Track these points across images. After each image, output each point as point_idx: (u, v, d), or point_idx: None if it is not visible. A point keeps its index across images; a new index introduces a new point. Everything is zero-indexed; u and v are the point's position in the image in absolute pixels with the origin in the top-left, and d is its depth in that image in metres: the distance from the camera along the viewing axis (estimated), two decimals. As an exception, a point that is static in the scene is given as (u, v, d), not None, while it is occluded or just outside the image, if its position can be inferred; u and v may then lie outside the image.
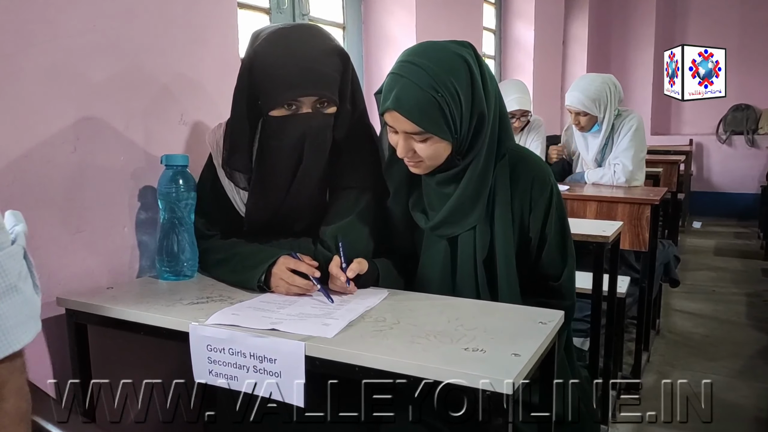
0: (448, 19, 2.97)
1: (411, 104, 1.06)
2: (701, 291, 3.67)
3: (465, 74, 1.09)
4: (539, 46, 4.39)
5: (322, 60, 1.13)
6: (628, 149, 2.50)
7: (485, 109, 1.12)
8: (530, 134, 2.89)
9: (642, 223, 2.21)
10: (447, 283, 1.22)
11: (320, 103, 1.17)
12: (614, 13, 6.39)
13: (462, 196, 1.16)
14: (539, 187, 1.19)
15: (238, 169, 1.25)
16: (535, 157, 1.27)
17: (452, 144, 1.12)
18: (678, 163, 3.80)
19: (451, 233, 1.20)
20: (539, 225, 1.20)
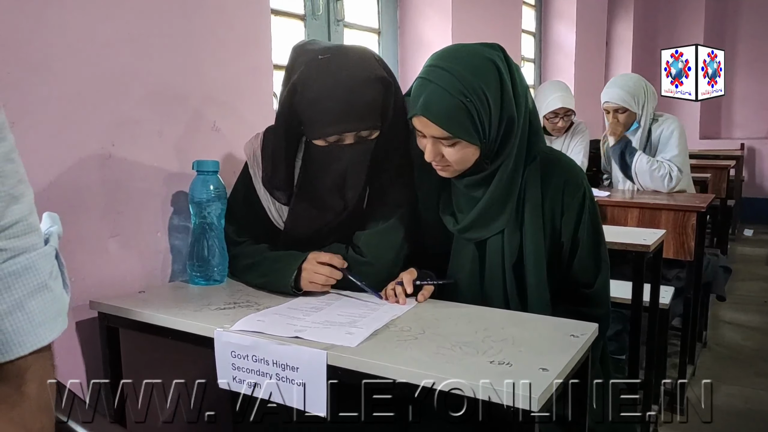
0: (485, 22, 2.94)
1: (439, 110, 1.05)
2: (752, 302, 3.50)
3: (494, 78, 1.07)
4: (581, 49, 4.29)
5: (362, 92, 1.12)
6: (679, 154, 2.41)
7: (515, 113, 1.10)
8: (574, 138, 2.81)
9: (687, 231, 2.13)
10: (475, 287, 1.21)
11: (362, 133, 1.16)
12: (661, 14, 6.20)
13: (490, 200, 1.15)
14: (571, 190, 1.16)
15: (279, 188, 1.26)
16: (568, 159, 1.24)
17: (480, 148, 1.10)
18: (728, 169, 3.64)
19: (479, 237, 1.18)
20: (571, 229, 1.17)
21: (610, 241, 1.55)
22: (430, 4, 2.61)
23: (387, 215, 1.24)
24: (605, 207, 2.30)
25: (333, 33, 2.24)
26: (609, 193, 2.43)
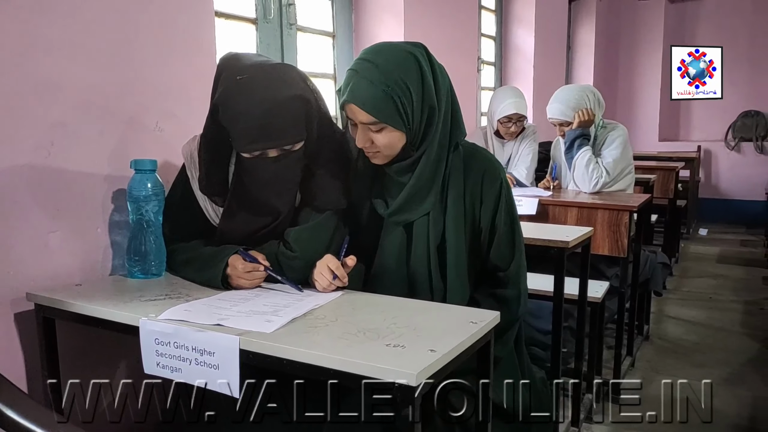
0: (440, 25, 3.03)
1: (365, 97, 1.17)
2: (698, 298, 3.65)
3: (415, 71, 1.19)
4: (540, 52, 4.42)
5: (281, 110, 1.17)
6: (613, 162, 2.53)
7: (435, 103, 1.22)
8: (524, 141, 2.92)
9: (621, 229, 2.24)
10: (402, 268, 1.30)
11: (285, 146, 1.22)
12: (623, 19, 6.38)
13: (416, 184, 1.25)
14: (490, 181, 1.29)
15: (214, 193, 1.33)
16: (487, 153, 1.36)
17: (406, 134, 1.21)
18: (676, 170, 3.79)
19: (407, 219, 1.29)
20: (489, 217, 1.30)
21: (537, 237, 1.66)
22: (384, 8, 2.70)
23: (316, 212, 1.32)
24: (547, 206, 2.41)
25: (285, 37, 2.30)
26: (551, 193, 2.53)
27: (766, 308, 3.43)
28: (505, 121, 2.79)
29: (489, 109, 2.91)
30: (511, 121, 2.79)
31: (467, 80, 3.45)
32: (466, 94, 3.45)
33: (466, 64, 3.43)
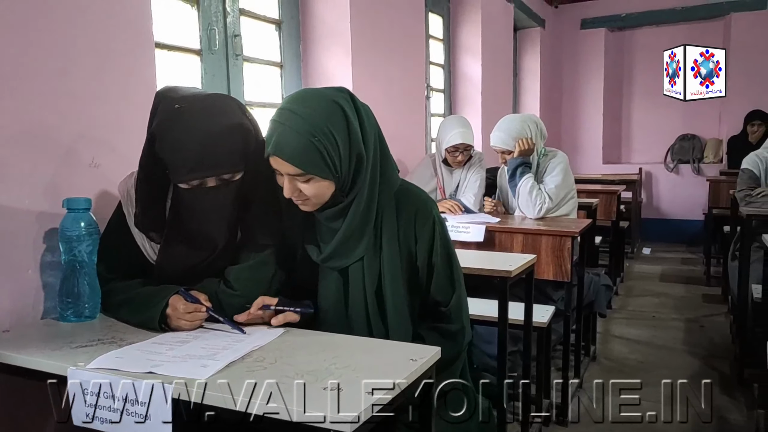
0: (387, 55, 3.07)
1: (290, 149, 1.15)
2: (642, 317, 3.77)
3: (340, 119, 1.18)
4: (487, 80, 4.54)
5: (218, 140, 1.17)
6: (555, 188, 2.62)
7: (363, 149, 1.21)
8: (471, 169, 2.97)
9: (564, 254, 2.30)
10: (341, 313, 1.30)
11: (224, 176, 1.21)
12: (565, 47, 6.64)
13: (348, 230, 1.25)
14: (422, 219, 1.30)
15: (150, 229, 1.30)
16: (418, 191, 1.36)
17: (335, 183, 1.21)
18: (617, 193, 3.94)
19: (341, 265, 1.28)
20: (426, 255, 1.30)
21: (481, 267, 1.69)
22: (331, 38, 2.72)
23: (257, 250, 1.30)
24: (494, 233, 2.45)
25: (232, 67, 2.30)
26: (499, 219, 2.59)
27: (705, 326, 3.57)
28: (452, 150, 2.85)
29: (437, 138, 2.96)
30: (458, 151, 2.85)
31: (417, 107, 3.51)
32: (416, 121, 3.51)
33: (415, 92, 3.49)
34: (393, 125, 3.11)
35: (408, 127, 3.38)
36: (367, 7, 2.83)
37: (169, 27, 2.01)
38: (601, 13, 6.40)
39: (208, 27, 2.16)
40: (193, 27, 2.14)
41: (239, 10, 2.32)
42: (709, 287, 4.45)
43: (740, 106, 5.57)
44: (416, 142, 3.52)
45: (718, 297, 4.14)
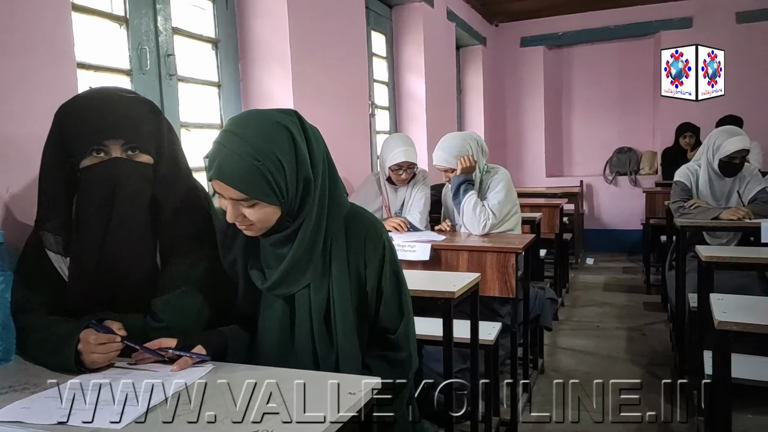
0: (331, 72, 3.05)
1: (233, 173, 1.10)
2: (587, 327, 3.85)
3: (287, 142, 1.13)
4: (432, 97, 4.58)
5: (128, 105, 1.16)
6: (498, 204, 2.65)
7: (311, 174, 1.17)
8: (416, 187, 2.97)
9: (508, 270, 2.32)
10: (286, 342, 1.24)
11: (130, 149, 1.17)
12: (507, 65, 6.81)
13: (296, 256, 1.19)
14: (372, 243, 1.26)
15: (49, 231, 1.20)
16: (368, 215, 1.33)
17: (281, 208, 1.15)
18: (559, 207, 4.02)
19: (288, 292, 1.23)
20: (375, 280, 1.26)
21: (424, 288, 1.66)
22: (271, 57, 2.68)
23: (184, 278, 1.23)
24: (440, 251, 2.45)
25: (165, 88, 2.21)
26: (445, 237, 2.59)
27: (647, 334, 3.67)
28: (395, 168, 2.84)
29: (380, 157, 2.95)
30: (402, 169, 2.84)
31: (361, 125, 3.50)
32: (361, 139, 3.49)
33: (359, 109, 3.48)
34: (337, 144, 3.08)
35: (353, 145, 3.36)
36: (307, 26, 2.81)
37: (95, 47, 1.92)
38: (540, 32, 6.60)
39: (138, 46, 2.08)
40: (122, 47, 2.05)
41: (172, 29, 2.24)
42: (649, 295, 4.59)
43: (671, 120, 5.83)
44: (361, 160, 3.50)
45: (657, 305, 4.28)
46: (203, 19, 2.50)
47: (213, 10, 2.53)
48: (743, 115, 5.10)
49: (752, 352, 1.71)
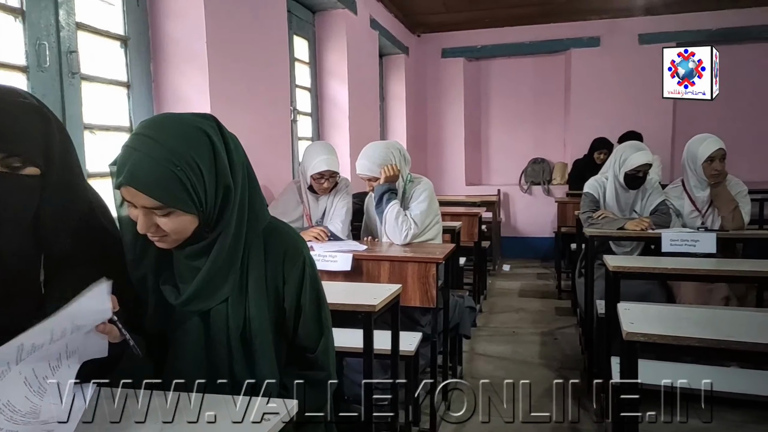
0: (251, 76, 2.96)
1: (148, 179, 1.01)
2: (504, 333, 3.96)
3: (206, 148, 1.06)
4: (355, 104, 4.57)
5: (9, 112, 1.00)
6: (420, 215, 2.67)
7: (230, 181, 1.10)
8: (337, 195, 2.94)
9: (429, 280, 2.33)
10: (200, 359, 1.17)
11: (13, 162, 1.02)
12: (428, 74, 6.94)
13: (212, 269, 1.12)
14: (291, 260, 1.21)
15: None
16: (288, 229, 1.27)
17: (198, 217, 1.08)
18: (478, 216, 4.13)
19: (204, 307, 1.15)
20: (294, 297, 1.21)
21: (345, 302, 1.63)
22: (186, 57, 2.56)
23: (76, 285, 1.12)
24: (362, 261, 2.43)
25: (67, 87, 2.05)
26: (366, 247, 2.57)
27: (559, 338, 3.83)
28: (317, 177, 2.80)
29: (302, 165, 2.89)
30: (324, 178, 2.80)
31: (282, 131, 3.42)
32: (281, 145, 3.41)
33: (281, 115, 3.40)
34: (258, 150, 3.00)
35: (273, 151, 3.28)
36: (226, 28, 2.71)
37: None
38: (460, 44, 6.78)
39: (36, 42, 1.92)
40: (18, 41, 1.88)
41: (76, 24, 2.09)
42: (561, 300, 4.80)
43: (581, 133, 6.17)
44: (282, 167, 3.42)
45: (568, 310, 4.48)
46: (112, 16, 2.34)
47: (123, 6, 2.38)
48: (644, 130, 5.48)
49: (657, 357, 1.81)
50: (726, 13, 5.89)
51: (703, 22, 6.00)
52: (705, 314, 1.56)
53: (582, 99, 6.44)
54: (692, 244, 2.65)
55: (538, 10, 6.00)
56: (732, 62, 6.32)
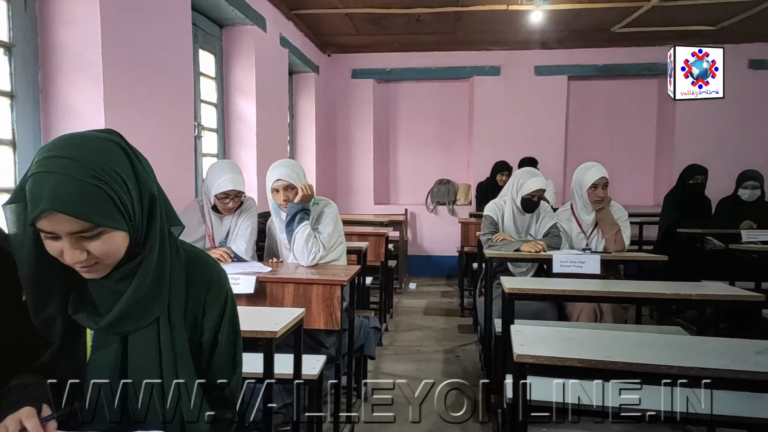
0: (150, 91, 2.84)
1: (75, 199, 0.93)
2: (409, 351, 4.03)
3: (124, 158, 1.01)
4: (263, 121, 4.51)
5: None
6: (326, 236, 2.68)
7: (154, 189, 1.06)
8: (242, 215, 2.87)
9: (334, 303, 2.33)
10: (116, 390, 1.08)
11: None
12: (338, 94, 6.99)
13: (140, 290, 1.05)
14: (214, 292, 1.17)
15: None
16: (211, 261, 1.22)
17: (129, 233, 1.02)
18: (385, 236, 4.19)
19: (133, 329, 1.07)
20: (212, 331, 1.17)
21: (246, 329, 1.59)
22: (79, 69, 2.41)
23: None
24: (265, 283, 2.38)
25: (-63, 93, 1.87)
26: (271, 269, 2.53)
27: (460, 355, 3.95)
28: (222, 197, 2.72)
29: (205, 184, 2.80)
30: (228, 197, 2.73)
31: (185, 147, 3.30)
32: (184, 161, 3.29)
33: (184, 130, 3.28)
34: (157, 166, 2.83)
35: (175, 168, 3.15)
36: (124, 37, 2.59)
37: None
38: (370, 66, 6.90)
39: None
40: None
41: (-50, 27, 1.92)
42: (463, 318, 4.97)
43: (484, 156, 6.47)
44: (185, 184, 3.29)
45: (470, 327, 4.64)
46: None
47: (7, 11, 2.22)
48: (540, 155, 5.84)
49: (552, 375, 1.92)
50: (610, 50, 6.45)
51: (591, 58, 6.53)
52: (589, 335, 1.68)
53: (484, 123, 6.76)
54: (579, 265, 2.85)
55: (443, 38, 6.25)
56: (615, 95, 6.93)
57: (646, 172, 6.93)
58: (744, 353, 1.43)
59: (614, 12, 5.19)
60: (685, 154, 6.01)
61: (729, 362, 1.33)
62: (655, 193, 6.78)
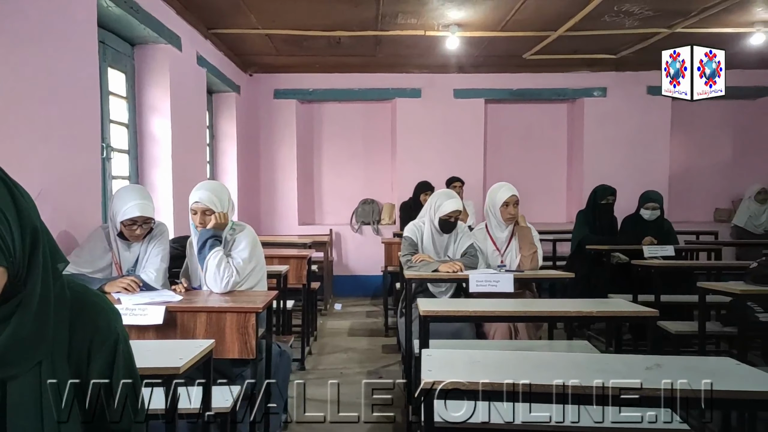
0: (46, 109, 2.67)
1: None
2: (332, 375, 3.98)
3: (3, 190, 0.94)
4: (179, 142, 4.38)
5: None
6: (242, 263, 2.63)
7: (37, 223, 0.98)
8: (152, 241, 2.75)
9: (248, 330, 2.27)
10: None
11: None
12: (261, 115, 6.91)
13: (19, 333, 0.96)
14: (102, 336, 1.08)
15: None
16: (101, 302, 1.13)
17: (8, 270, 0.94)
18: (307, 258, 4.15)
19: (12, 375, 0.98)
20: (101, 377, 1.07)
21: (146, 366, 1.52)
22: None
23: None
24: (175, 313, 2.29)
25: None
26: (181, 298, 2.43)
27: (383, 376, 3.95)
28: (129, 224, 2.60)
29: (111, 210, 2.66)
30: (136, 224, 2.62)
31: (89, 169, 3.11)
32: (89, 185, 3.10)
33: (89, 152, 3.11)
34: (57, 191, 2.69)
35: (78, 192, 2.97)
36: (14, 52, 2.42)
37: None
38: (292, 86, 6.88)
39: None
40: None
41: None
42: (388, 338, 4.98)
43: (407, 176, 6.58)
44: (90, 209, 3.11)
45: (394, 347, 4.66)
46: None
47: None
48: (461, 175, 6.00)
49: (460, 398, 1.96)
50: (523, 75, 6.77)
51: (506, 83, 6.82)
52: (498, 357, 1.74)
53: (407, 144, 6.89)
54: (494, 284, 2.94)
55: (365, 60, 6.34)
56: (529, 118, 7.27)
57: (559, 189, 7.29)
58: (635, 369, 1.52)
59: (525, 40, 5.46)
60: (594, 174, 6.39)
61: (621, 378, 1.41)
62: (568, 210, 7.13)
